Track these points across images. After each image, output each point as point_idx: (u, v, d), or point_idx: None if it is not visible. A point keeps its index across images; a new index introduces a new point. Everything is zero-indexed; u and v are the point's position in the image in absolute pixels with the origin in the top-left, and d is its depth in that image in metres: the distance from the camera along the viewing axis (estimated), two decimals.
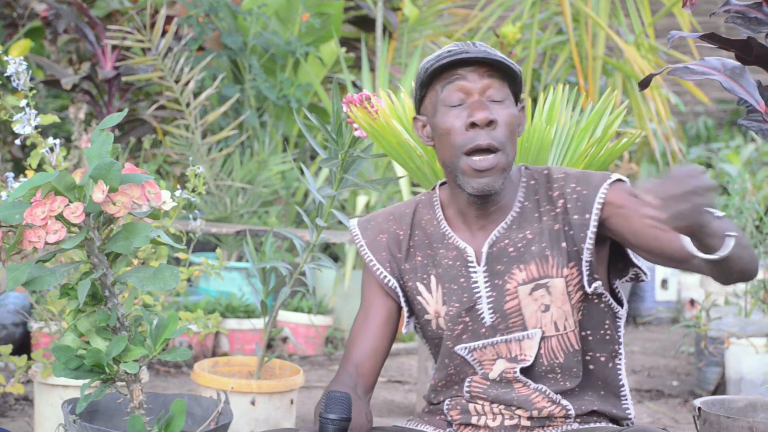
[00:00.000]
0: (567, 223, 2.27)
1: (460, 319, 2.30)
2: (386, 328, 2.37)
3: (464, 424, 2.32)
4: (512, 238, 2.29)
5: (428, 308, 2.34)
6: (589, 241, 2.25)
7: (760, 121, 2.48)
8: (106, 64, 5.94)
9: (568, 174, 2.30)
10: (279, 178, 5.93)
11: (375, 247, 2.37)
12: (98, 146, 2.19)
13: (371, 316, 2.37)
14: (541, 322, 2.27)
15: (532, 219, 2.29)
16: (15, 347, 4.28)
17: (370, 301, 2.38)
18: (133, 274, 2.23)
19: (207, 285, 5.38)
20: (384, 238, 2.37)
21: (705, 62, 2.47)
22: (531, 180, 2.32)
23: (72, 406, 2.43)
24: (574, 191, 2.27)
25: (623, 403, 2.36)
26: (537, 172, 2.33)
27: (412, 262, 2.36)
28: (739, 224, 4.78)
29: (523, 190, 2.31)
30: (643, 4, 6.75)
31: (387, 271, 2.36)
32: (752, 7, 2.52)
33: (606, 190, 2.25)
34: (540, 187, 2.31)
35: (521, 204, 2.30)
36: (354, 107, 2.86)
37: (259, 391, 3.24)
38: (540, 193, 2.30)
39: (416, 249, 2.36)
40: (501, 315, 2.28)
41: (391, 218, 2.39)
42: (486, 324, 2.29)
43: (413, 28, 6.58)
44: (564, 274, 2.26)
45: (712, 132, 8.94)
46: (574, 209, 2.26)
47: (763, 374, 4.35)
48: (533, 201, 2.30)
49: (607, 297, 2.31)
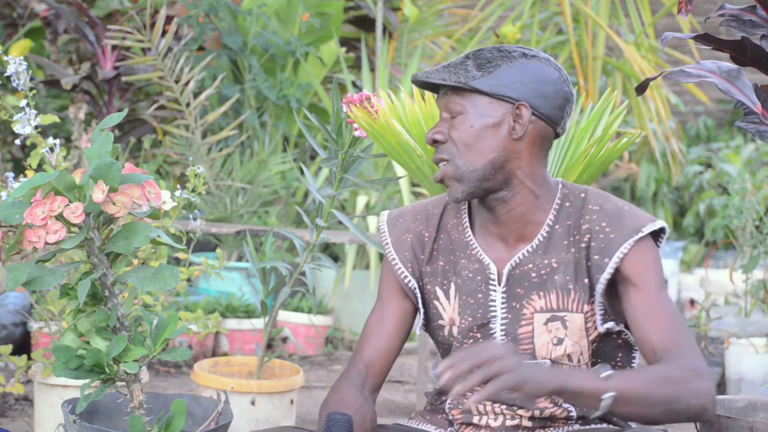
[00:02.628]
0: (589, 260, 2.24)
1: (471, 334, 2.29)
2: (400, 330, 2.36)
3: (466, 424, 2.32)
4: (536, 263, 2.25)
5: (444, 314, 2.33)
6: (601, 285, 2.22)
7: (757, 122, 2.48)
8: (106, 64, 5.94)
9: (603, 209, 2.25)
10: (279, 178, 5.93)
11: (399, 246, 2.35)
12: (98, 146, 2.19)
13: (387, 316, 2.35)
14: (552, 354, 2.24)
15: (560, 246, 2.25)
16: (15, 347, 4.28)
17: (387, 301, 2.36)
18: (133, 274, 2.23)
19: (207, 285, 5.38)
20: (409, 237, 2.35)
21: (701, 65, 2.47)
22: (566, 202, 2.27)
23: (72, 406, 2.43)
24: (602, 230, 2.23)
25: None
26: (574, 194, 2.28)
27: (434, 265, 2.34)
28: (739, 224, 4.78)
29: (555, 211, 2.27)
30: (643, 4, 6.75)
31: (408, 271, 2.34)
32: (746, 10, 2.53)
33: (629, 248, 2.21)
34: (574, 213, 2.26)
35: (551, 227, 2.26)
36: (354, 107, 2.86)
37: (259, 391, 3.24)
38: (573, 219, 2.26)
39: (440, 253, 2.34)
40: (513, 338, 2.26)
41: (419, 218, 2.37)
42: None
43: (413, 28, 6.58)
44: (584, 310, 2.24)
45: (712, 132, 8.94)
46: (597, 249, 2.23)
47: (763, 374, 4.35)
48: (565, 226, 2.26)
49: (627, 334, 2.29)
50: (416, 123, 2.86)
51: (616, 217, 2.24)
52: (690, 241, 7.76)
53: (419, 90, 2.89)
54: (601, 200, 2.27)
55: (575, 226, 2.25)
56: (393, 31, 6.50)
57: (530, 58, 2.23)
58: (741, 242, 4.78)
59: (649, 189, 7.86)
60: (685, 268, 7.23)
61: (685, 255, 7.34)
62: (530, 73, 2.22)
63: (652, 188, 7.86)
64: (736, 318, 4.61)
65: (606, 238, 2.22)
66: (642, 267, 2.21)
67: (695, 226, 7.91)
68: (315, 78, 6.11)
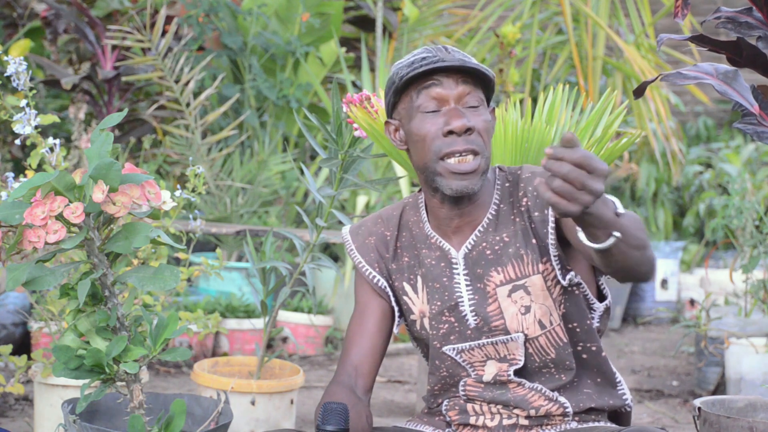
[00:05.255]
0: (531, 220, 2.29)
1: (444, 318, 2.32)
2: (382, 328, 2.39)
3: (463, 425, 2.33)
4: (489, 240, 2.30)
5: (413, 308, 2.36)
6: (550, 236, 2.26)
7: (755, 123, 2.48)
8: (106, 64, 5.94)
9: (534, 172, 2.32)
10: (279, 178, 5.93)
11: (364, 250, 2.40)
12: (98, 146, 2.19)
13: (366, 317, 2.38)
14: (523, 325, 2.27)
15: (507, 221, 2.30)
16: (15, 347, 4.28)
17: (364, 304, 2.40)
18: (133, 274, 2.23)
19: (207, 285, 5.38)
20: (372, 240, 2.40)
21: (698, 67, 2.48)
22: (506, 182, 2.34)
23: (72, 406, 2.44)
24: (535, 189, 2.28)
25: (619, 389, 2.36)
26: (511, 173, 2.35)
27: (399, 262, 2.38)
28: (739, 224, 4.78)
29: (498, 192, 2.33)
30: (643, 4, 6.75)
31: (376, 271, 2.38)
32: (742, 12, 2.53)
33: None
34: (513, 187, 2.32)
35: (497, 206, 2.32)
36: (354, 107, 2.86)
37: (259, 391, 3.24)
38: (514, 195, 2.32)
39: (403, 250, 2.38)
40: (483, 318, 2.29)
41: (379, 221, 2.42)
42: (470, 326, 2.30)
43: (413, 28, 6.58)
44: (540, 270, 2.28)
45: (712, 132, 8.94)
46: (534, 206, 2.29)
47: (763, 374, 4.35)
48: (508, 203, 2.32)
49: (584, 287, 2.31)
50: None
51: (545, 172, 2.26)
52: (690, 241, 7.77)
53: None
54: (533, 168, 2.34)
55: (516, 199, 2.31)
56: (393, 31, 6.50)
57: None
58: (741, 242, 4.78)
59: (649, 189, 7.86)
60: (685, 268, 7.23)
61: (685, 255, 7.34)
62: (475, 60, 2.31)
63: (652, 188, 7.86)
64: (736, 318, 4.61)
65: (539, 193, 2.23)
66: None
67: (695, 226, 7.91)
68: (315, 78, 6.11)
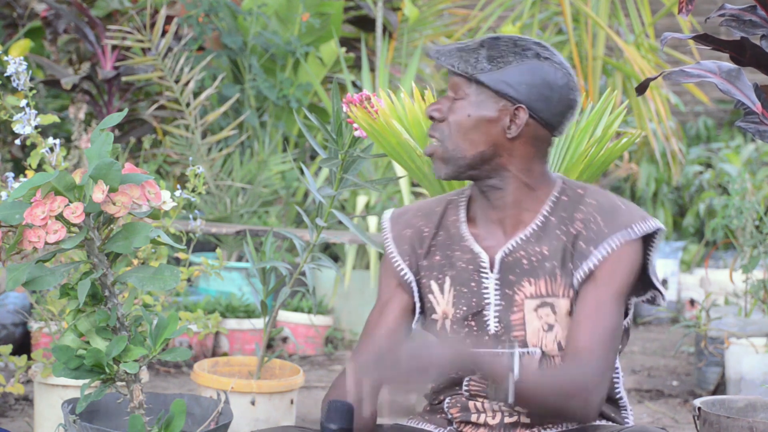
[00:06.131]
0: (574, 247, 2.26)
1: (465, 323, 2.30)
2: (401, 324, 2.36)
3: (464, 422, 2.33)
4: (528, 250, 2.27)
5: (437, 308, 2.34)
6: (581, 272, 2.24)
7: (757, 122, 2.48)
8: (106, 64, 5.94)
9: (599, 203, 2.27)
10: (279, 178, 5.93)
11: (399, 240, 2.37)
12: (98, 146, 2.19)
13: (387, 311, 2.37)
14: (543, 341, 2.26)
15: (552, 236, 2.27)
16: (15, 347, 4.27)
17: (387, 296, 2.37)
18: (133, 274, 2.23)
19: (207, 285, 5.38)
20: (409, 232, 2.37)
21: (701, 65, 2.47)
22: (563, 195, 2.29)
23: (72, 406, 2.44)
24: (595, 222, 2.25)
25: (622, 412, 2.36)
26: (572, 189, 2.31)
27: (431, 260, 2.35)
28: (739, 224, 4.78)
29: (551, 203, 2.29)
30: (643, 4, 6.75)
31: (405, 264, 2.36)
32: (746, 10, 2.53)
33: (618, 244, 2.23)
34: (570, 206, 2.28)
35: (545, 217, 2.28)
36: (354, 107, 2.86)
37: (259, 391, 3.24)
38: (567, 212, 2.28)
39: (437, 248, 2.35)
40: (506, 325, 2.27)
41: (420, 214, 2.39)
42: (490, 332, 2.28)
43: (413, 28, 6.58)
44: (570, 296, 2.25)
45: (712, 132, 8.95)
46: (585, 238, 2.25)
47: (763, 374, 4.35)
48: (558, 217, 2.28)
49: None
50: (416, 123, 2.86)
51: (611, 212, 2.26)
52: (690, 241, 7.77)
53: (419, 90, 2.89)
54: (599, 196, 2.30)
55: (569, 217, 2.27)
56: (393, 31, 6.50)
57: (543, 60, 2.23)
58: (741, 242, 4.78)
59: (649, 189, 7.86)
60: (685, 268, 7.23)
61: (685, 255, 7.34)
62: (538, 77, 2.22)
63: (652, 188, 7.87)
64: (736, 318, 4.61)
65: (598, 230, 2.24)
66: (612, 268, 2.23)
67: (695, 226, 7.91)
68: (315, 78, 6.11)
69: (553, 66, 2.23)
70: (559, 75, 2.23)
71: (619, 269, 2.23)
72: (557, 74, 2.23)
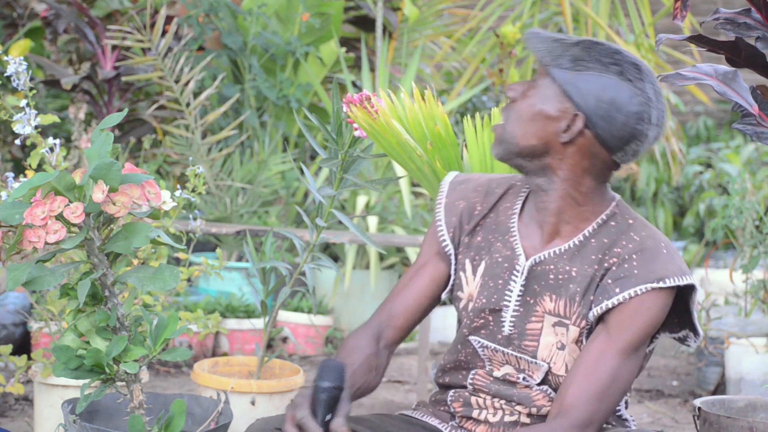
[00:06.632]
0: (602, 279, 2.22)
1: (482, 314, 2.30)
2: (433, 289, 2.38)
3: (466, 417, 2.34)
4: (558, 266, 2.25)
5: (465, 288, 2.34)
6: (598, 309, 2.21)
7: (754, 124, 2.48)
8: (106, 64, 5.94)
9: (642, 242, 2.22)
10: (279, 178, 5.93)
11: (450, 209, 2.38)
12: (98, 146, 2.19)
13: (421, 274, 2.38)
14: (552, 358, 2.25)
15: (586, 260, 2.23)
16: (15, 347, 4.28)
17: (424, 260, 2.39)
18: (133, 274, 2.23)
19: (207, 285, 5.38)
20: (462, 204, 2.37)
21: (697, 68, 2.47)
22: (612, 221, 2.25)
23: (72, 406, 2.44)
24: (630, 261, 2.20)
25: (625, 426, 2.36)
26: (623, 216, 2.26)
27: (473, 239, 2.35)
28: (739, 224, 4.78)
29: (597, 225, 2.25)
30: (643, 4, 6.75)
31: (449, 236, 2.36)
32: (741, 13, 2.53)
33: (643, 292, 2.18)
34: (614, 234, 2.24)
35: (585, 238, 2.25)
36: (354, 107, 2.86)
37: (259, 391, 3.24)
38: (610, 239, 2.23)
39: (482, 229, 2.35)
40: (520, 331, 2.27)
41: (479, 189, 2.38)
42: (504, 333, 2.28)
43: (413, 28, 6.58)
44: (581, 325, 2.24)
45: (712, 132, 8.95)
46: (614, 275, 2.21)
47: (763, 374, 4.35)
48: (600, 242, 2.24)
49: None
50: (416, 123, 2.86)
51: (650, 257, 2.21)
52: (690, 241, 7.77)
53: (419, 90, 2.89)
54: (645, 233, 2.24)
55: (609, 246, 2.23)
56: (393, 31, 6.50)
57: (624, 80, 2.18)
58: (741, 242, 4.78)
59: (649, 189, 7.87)
60: None
61: (685, 255, 7.34)
62: (609, 93, 2.17)
63: (652, 188, 7.87)
64: (736, 318, 4.61)
65: (629, 271, 2.20)
66: (628, 316, 2.19)
67: (695, 226, 7.91)
68: (315, 78, 6.11)
69: (632, 90, 2.17)
70: (635, 101, 2.16)
71: (636, 319, 2.18)
72: (632, 99, 2.17)
